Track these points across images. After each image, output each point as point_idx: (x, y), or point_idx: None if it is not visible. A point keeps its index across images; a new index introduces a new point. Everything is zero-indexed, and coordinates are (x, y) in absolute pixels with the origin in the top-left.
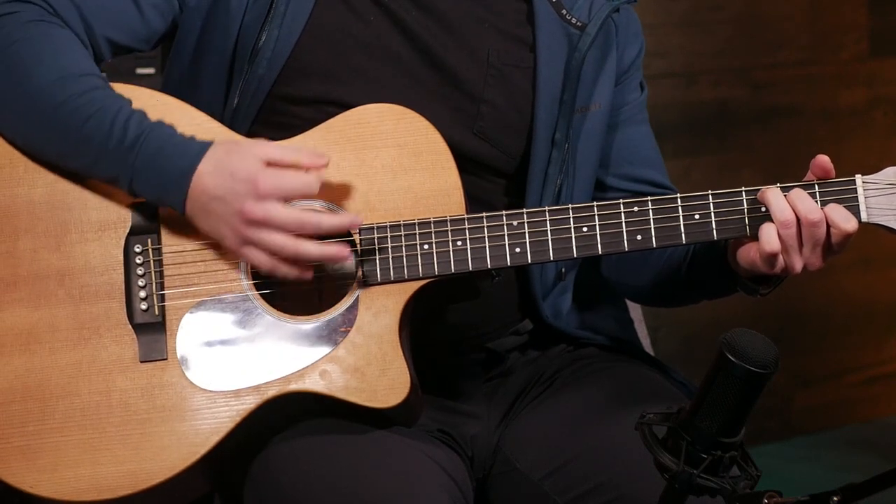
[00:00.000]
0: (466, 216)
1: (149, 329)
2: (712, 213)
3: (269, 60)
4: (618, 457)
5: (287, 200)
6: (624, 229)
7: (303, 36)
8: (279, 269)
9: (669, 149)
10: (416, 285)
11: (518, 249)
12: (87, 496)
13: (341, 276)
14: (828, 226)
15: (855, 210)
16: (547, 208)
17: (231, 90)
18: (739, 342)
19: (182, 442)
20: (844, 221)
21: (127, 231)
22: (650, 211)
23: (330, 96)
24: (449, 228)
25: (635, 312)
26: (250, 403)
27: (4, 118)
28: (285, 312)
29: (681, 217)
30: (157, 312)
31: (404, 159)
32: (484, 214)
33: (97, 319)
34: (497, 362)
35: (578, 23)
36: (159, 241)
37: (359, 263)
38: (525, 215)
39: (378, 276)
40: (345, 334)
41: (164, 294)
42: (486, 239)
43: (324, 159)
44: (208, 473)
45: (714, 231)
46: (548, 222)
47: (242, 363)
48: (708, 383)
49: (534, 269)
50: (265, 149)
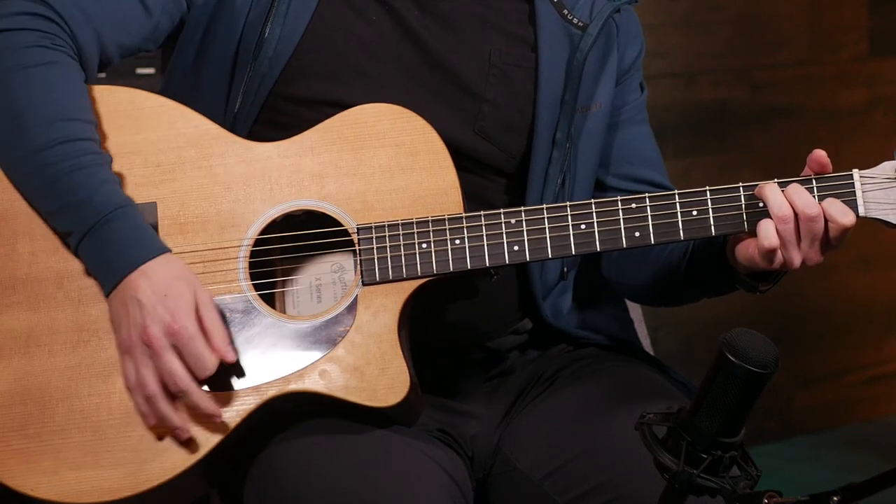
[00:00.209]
0: (464, 215)
1: None
2: (710, 210)
3: (272, 59)
4: (618, 457)
5: (179, 355)
6: (622, 226)
7: (305, 35)
8: (132, 396)
9: (669, 149)
10: (415, 284)
11: (516, 248)
12: (88, 498)
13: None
14: (826, 220)
15: (852, 204)
16: (545, 206)
17: (233, 89)
18: (739, 342)
19: (182, 443)
20: (842, 216)
21: None
22: (648, 208)
23: (332, 95)
24: (447, 227)
25: (635, 312)
26: (250, 404)
27: None
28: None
29: (678, 213)
30: None
31: (402, 159)
32: (482, 213)
33: (96, 322)
34: (497, 362)
35: (580, 23)
36: None
37: (357, 263)
38: (523, 213)
39: (377, 276)
40: (344, 334)
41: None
42: (485, 237)
43: (232, 358)
44: (208, 474)
45: (712, 227)
46: (546, 220)
47: (242, 363)
48: (708, 383)
49: (534, 269)
50: (204, 299)
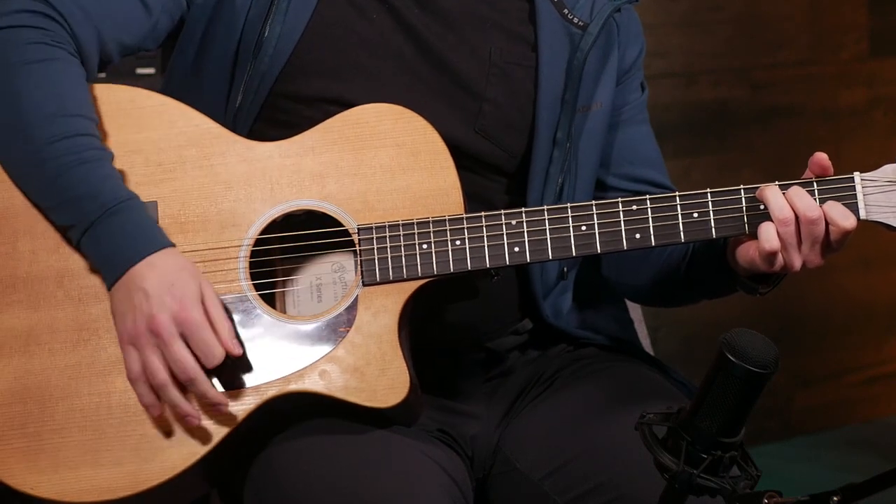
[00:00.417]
0: (465, 216)
1: None
2: (711, 212)
3: (272, 57)
4: (618, 457)
5: (188, 344)
6: (623, 228)
7: (305, 33)
8: (135, 387)
9: (669, 149)
10: (415, 285)
11: (517, 249)
12: (88, 497)
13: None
14: (826, 223)
15: (853, 207)
16: (546, 207)
17: (234, 87)
18: (739, 342)
19: (182, 443)
20: (843, 219)
21: None
22: (649, 210)
23: (332, 94)
24: (447, 228)
25: (635, 312)
26: (250, 404)
27: None
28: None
29: (679, 215)
30: None
31: (403, 159)
32: (482, 214)
33: (96, 321)
34: (497, 362)
35: (580, 22)
36: None
37: (358, 263)
38: (524, 214)
39: (377, 276)
40: (344, 334)
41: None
42: (485, 238)
43: (237, 351)
44: (208, 474)
45: (713, 229)
46: (546, 221)
47: (242, 363)
48: (708, 383)
49: (534, 269)
50: (209, 293)
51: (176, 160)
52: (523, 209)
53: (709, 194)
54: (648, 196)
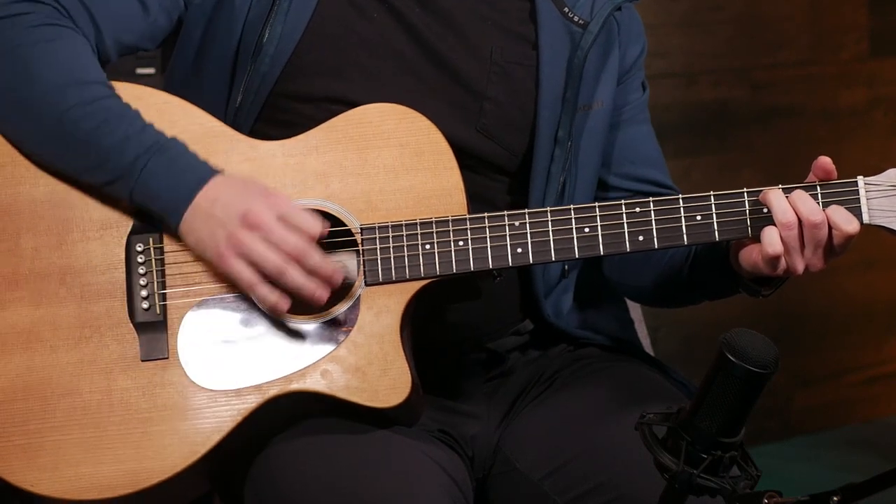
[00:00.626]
0: (468, 216)
1: (150, 328)
2: (714, 215)
3: (273, 57)
4: (618, 457)
5: (287, 226)
6: (626, 230)
7: (306, 33)
8: (257, 290)
9: (669, 149)
10: (418, 285)
11: (520, 250)
12: (88, 495)
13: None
14: (829, 227)
15: (857, 212)
16: (549, 209)
17: (234, 88)
18: (739, 342)
19: (183, 441)
20: (846, 223)
21: (129, 230)
22: (652, 212)
23: (333, 94)
24: (451, 228)
25: (635, 312)
26: (251, 403)
27: (8, 120)
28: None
29: (682, 218)
30: (159, 311)
31: (406, 159)
32: (486, 214)
33: (98, 318)
34: (498, 362)
35: (580, 21)
36: (161, 240)
37: (360, 263)
38: (527, 215)
39: (380, 276)
40: (346, 334)
41: (166, 293)
42: (488, 239)
43: (325, 231)
44: (209, 472)
45: (716, 232)
46: (549, 223)
47: (244, 362)
48: (708, 383)
49: (536, 269)
50: (272, 192)
51: None
52: (526, 210)
53: (712, 197)
54: (651, 198)
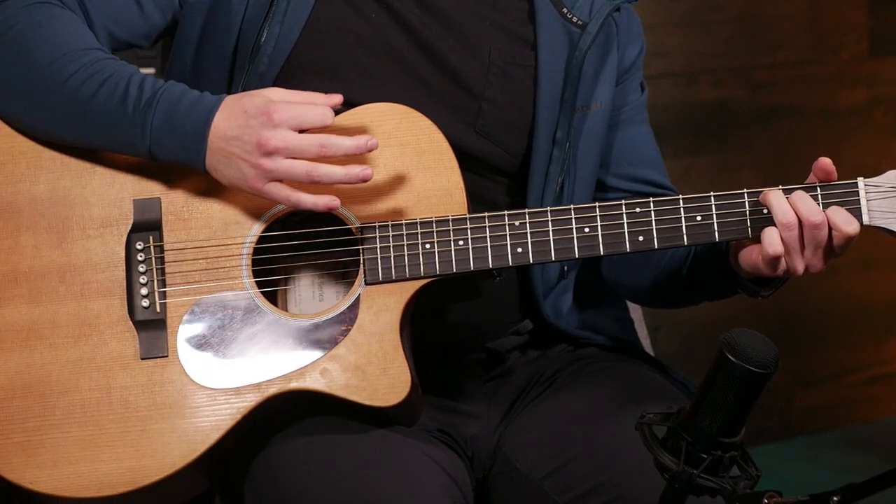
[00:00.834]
0: (468, 216)
1: (150, 326)
2: (714, 215)
3: (271, 57)
4: (618, 457)
5: (302, 131)
6: (626, 230)
7: (303, 33)
8: (303, 201)
9: (669, 149)
10: (418, 284)
11: (520, 249)
12: (87, 493)
13: (343, 274)
14: (830, 228)
15: (857, 213)
16: (549, 209)
17: (233, 88)
18: (739, 342)
19: (182, 439)
20: (846, 224)
21: (129, 228)
22: (652, 212)
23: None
24: (451, 228)
25: (635, 312)
26: (251, 401)
27: (11, 102)
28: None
29: (683, 218)
30: (159, 309)
31: (406, 158)
32: (486, 214)
33: (98, 316)
34: (497, 362)
35: (579, 21)
36: (161, 239)
37: (360, 262)
38: (527, 215)
39: (379, 275)
40: (346, 333)
41: (166, 291)
42: (488, 239)
43: (337, 97)
44: (208, 471)
45: (716, 233)
46: (550, 222)
47: (243, 361)
48: (708, 383)
49: (535, 269)
50: (276, 90)
51: None
52: (526, 210)
53: (712, 197)
54: (652, 199)
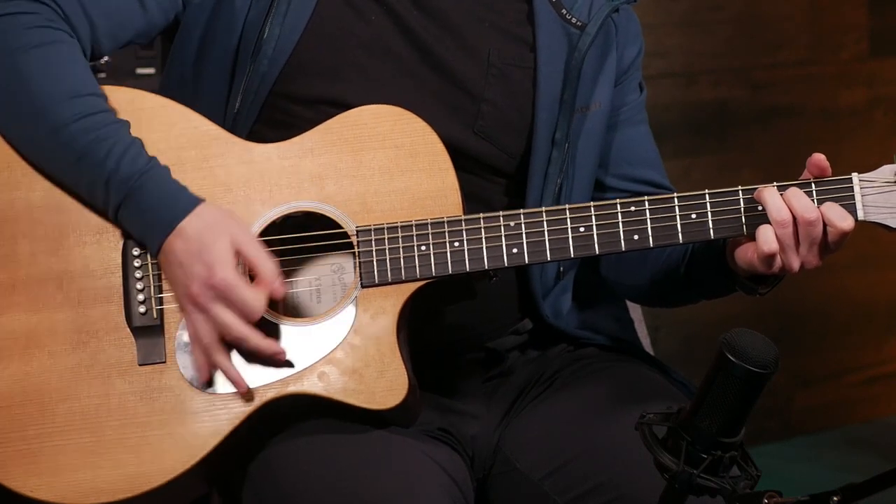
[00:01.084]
0: (463, 217)
1: (147, 332)
2: (709, 213)
3: (271, 59)
4: (618, 457)
5: (227, 306)
6: (621, 229)
7: (304, 34)
8: (193, 350)
9: (669, 149)
10: (414, 286)
11: (515, 250)
12: (87, 499)
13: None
14: (824, 224)
15: (852, 208)
16: (544, 209)
17: (233, 89)
18: (739, 342)
19: (181, 445)
20: (841, 220)
21: (125, 234)
22: (647, 211)
23: (331, 95)
24: (446, 230)
25: (635, 312)
26: (249, 406)
27: (3, 124)
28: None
29: (678, 217)
30: (156, 316)
31: (401, 160)
32: (481, 215)
33: (96, 323)
34: (497, 362)
35: (578, 22)
36: None
37: (356, 265)
38: (522, 216)
39: (376, 278)
40: (343, 336)
41: (163, 297)
42: (483, 240)
43: (282, 290)
44: (207, 475)
45: (711, 230)
46: (545, 223)
47: (241, 366)
48: (708, 383)
49: (534, 269)
50: (243, 239)
51: (175, 162)
52: (521, 210)
53: (707, 195)
54: (647, 197)
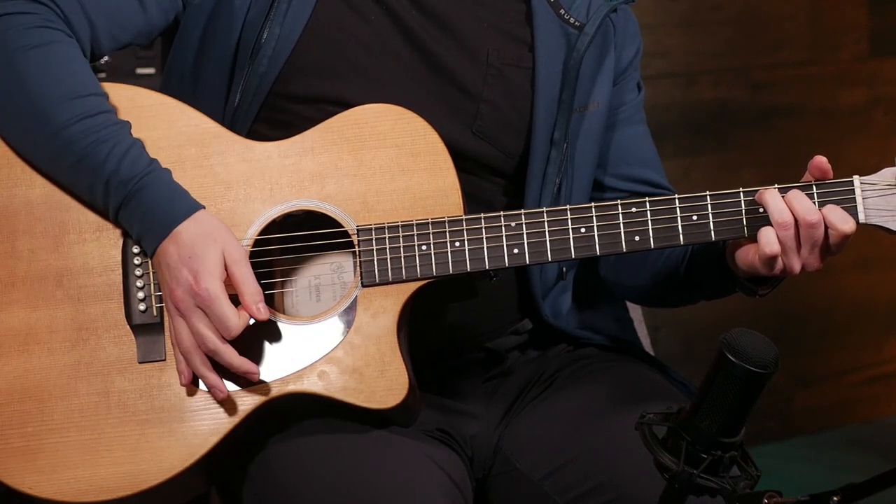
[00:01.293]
0: (464, 217)
1: (147, 330)
2: (710, 215)
3: (271, 58)
4: (618, 457)
5: (206, 317)
6: (622, 230)
7: (304, 34)
8: (175, 354)
9: (669, 149)
10: (415, 286)
11: (516, 250)
12: (86, 497)
13: (339, 276)
14: (826, 227)
15: (853, 211)
16: (545, 209)
17: (232, 88)
18: (739, 342)
19: (180, 443)
20: (842, 222)
21: (125, 232)
22: (648, 212)
23: (330, 95)
24: (447, 229)
25: (635, 312)
26: (249, 404)
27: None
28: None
29: (679, 218)
30: (156, 313)
31: (402, 160)
32: (482, 215)
33: (95, 320)
34: (497, 362)
35: (577, 23)
36: None
37: (357, 264)
38: (523, 216)
39: (376, 277)
40: (343, 335)
41: (162, 295)
42: (484, 240)
43: (264, 315)
44: (207, 474)
45: (712, 232)
46: (546, 223)
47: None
48: (708, 383)
49: (534, 269)
50: (234, 255)
51: (175, 160)
52: (522, 211)
53: (708, 197)
54: (648, 198)
